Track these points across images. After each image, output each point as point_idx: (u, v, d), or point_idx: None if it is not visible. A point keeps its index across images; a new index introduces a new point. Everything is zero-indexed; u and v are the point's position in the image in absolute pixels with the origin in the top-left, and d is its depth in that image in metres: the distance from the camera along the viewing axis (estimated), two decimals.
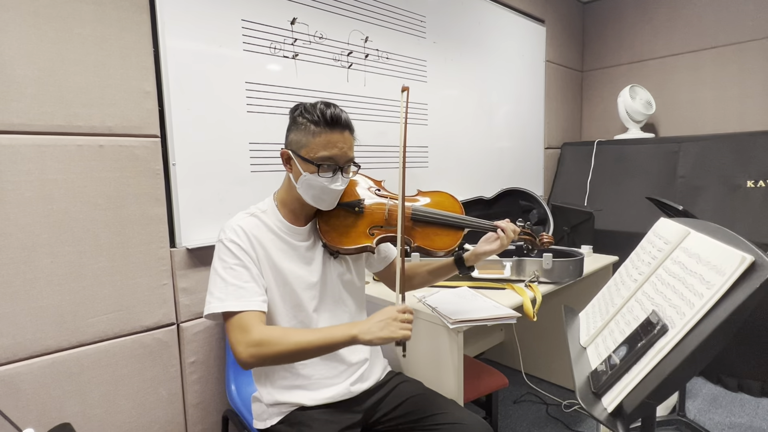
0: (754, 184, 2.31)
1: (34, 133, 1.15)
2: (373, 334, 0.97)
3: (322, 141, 1.03)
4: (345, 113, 1.06)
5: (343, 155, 1.05)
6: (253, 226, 1.08)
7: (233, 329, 0.99)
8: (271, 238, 1.10)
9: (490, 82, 2.54)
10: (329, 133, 1.03)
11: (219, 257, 1.05)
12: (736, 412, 2.06)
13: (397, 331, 0.97)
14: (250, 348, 0.96)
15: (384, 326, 0.97)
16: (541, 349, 2.39)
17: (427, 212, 1.19)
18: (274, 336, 0.98)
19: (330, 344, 0.99)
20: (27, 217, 1.14)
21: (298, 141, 1.05)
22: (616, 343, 0.79)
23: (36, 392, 1.18)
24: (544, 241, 1.32)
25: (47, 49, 1.15)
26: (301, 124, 1.05)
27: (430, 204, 1.24)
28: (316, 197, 1.08)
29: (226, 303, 1.00)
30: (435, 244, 1.17)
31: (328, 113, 1.03)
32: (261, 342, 0.96)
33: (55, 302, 1.19)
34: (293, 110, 1.08)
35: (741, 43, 2.71)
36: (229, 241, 1.05)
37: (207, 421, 1.50)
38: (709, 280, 0.66)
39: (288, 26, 1.61)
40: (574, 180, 3.02)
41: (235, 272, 1.03)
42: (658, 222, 0.98)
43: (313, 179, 1.05)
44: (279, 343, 0.96)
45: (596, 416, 0.68)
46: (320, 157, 1.03)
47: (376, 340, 0.96)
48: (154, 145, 1.34)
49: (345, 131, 1.05)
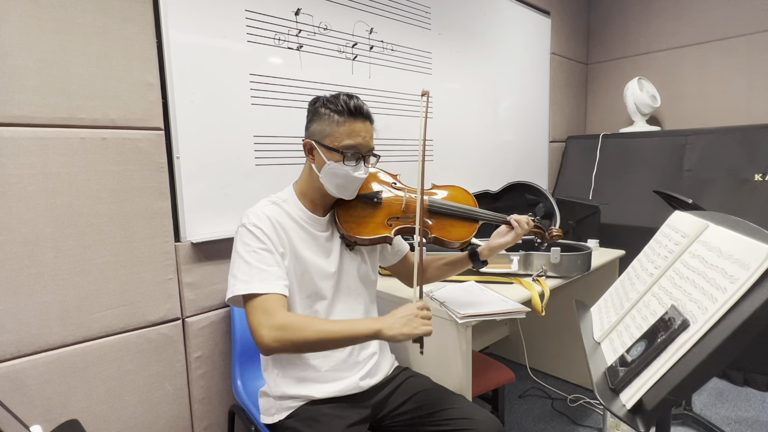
0: (762, 178, 2.29)
1: (37, 125, 1.13)
2: (396, 329, 0.97)
3: (346, 130, 1.05)
4: (366, 104, 1.08)
5: (366, 144, 1.07)
6: (276, 214, 1.09)
7: (256, 312, 0.98)
8: (293, 227, 1.10)
9: (495, 75, 2.51)
10: (353, 123, 1.05)
11: (242, 241, 1.04)
12: (742, 406, 2.06)
13: (419, 327, 0.98)
14: (273, 331, 0.95)
15: (407, 322, 0.98)
16: (545, 344, 2.38)
17: (444, 204, 1.22)
18: (298, 322, 0.98)
19: (354, 336, 0.99)
20: (30, 211, 1.13)
21: (322, 131, 1.06)
22: (632, 338, 0.77)
23: (41, 388, 1.17)
24: (553, 235, 1.34)
25: (48, 40, 1.13)
26: (324, 114, 1.06)
27: (445, 197, 1.26)
28: (339, 186, 1.08)
29: (251, 285, 0.99)
30: (451, 235, 1.19)
31: (352, 104, 1.05)
32: (285, 326, 0.96)
33: (60, 297, 1.18)
34: (313, 102, 1.10)
35: (749, 35, 2.68)
36: (253, 226, 1.04)
37: (213, 416, 1.49)
38: (732, 274, 0.64)
39: (292, 17, 1.59)
40: (579, 174, 3.00)
41: (259, 256, 1.02)
42: (673, 215, 0.96)
43: (338, 168, 1.05)
44: (303, 329, 0.96)
45: (615, 412, 0.67)
46: (345, 145, 1.05)
47: (399, 335, 0.97)
48: (157, 137, 1.32)
49: (366, 121, 1.08)
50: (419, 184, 1.10)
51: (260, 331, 0.96)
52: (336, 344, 1.01)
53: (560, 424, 1.98)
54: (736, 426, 1.91)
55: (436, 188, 1.29)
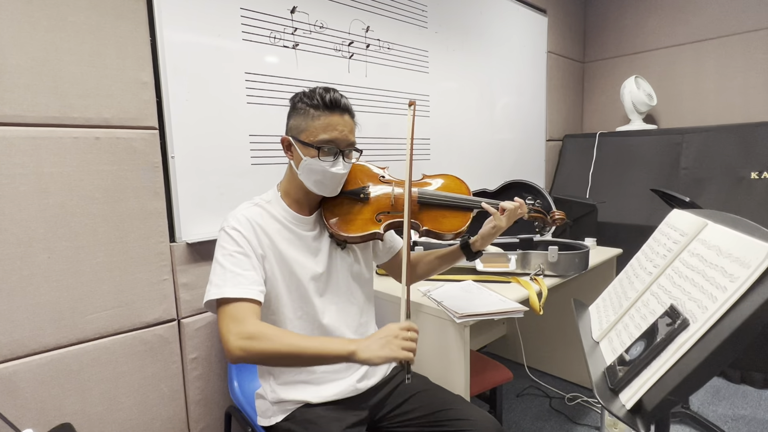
0: (758, 176, 2.29)
1: (28, 124, 1.11)
2: (372, 351, 0.90)
3: (321, 124, 1.02)
4: (345, 98, 1.05)
5: (343, 138, 1.03)
6: (257, 216, 1.06)
7: (225, 318, 0.94)
8: (277, 228, 1.07)
9: (491, 73, 2.51)
10: (329, 116, 1.02)
11: (220, 245, 1.02)
12: (738, 404, 2.06)
13: (398, 350, 0.90)
14: (240, 340, 0.90)
15: (385, 344, 0.90)
16: (543, 343, 2.38)
17: (434, 194, 1.18)
18: (268, 333, 0.92)
19: (324, 355, 0.92)
20: (22, 212, 1.11)
21: (298, 126, 1.04)
22: (632, 337, 0.77)
23: (35, 391, 1.15)
24: (555, 218, 1.27)
25: (40, 38, 1.11)
26: (300, 109, 1.04)
27: (437, 187, 1.22)
28: (318, 182, 1.06)
29: (223, 289, 0.95)
30: (443, 226, 1.15)
31: (327, 97, 1.02)
32: (254, 335, 0.90)
33: (53, 299, 1.17)
34: (293, 98, 1.08)
35: (745, 33, 2.68)
36: (231, 229, 1.02)
37: (209, 418, 1.48)
38: (732, 273, 0.64)
39: (288, 15, 1.57)
40: (576, 172, 3.00)
41: (235, 259, 0.99)
42: (672, 213, 0.96)
43: (314, 163, 1.03)
44: (272, 341, 0.90)
45: (615, 413, 0.66)
46: (320, 140, 1.02)
47: (375, 358, 0.89)
48: (152, 137, 1.30)
49: (345, 114, 1.04)
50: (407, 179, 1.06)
51: (228, 337, 0.91)
52: (304, 362, 0.96)
53: (558, 423, 1.98)
54: (733, 424, 1.91)
55: (427, 178, 1.25)
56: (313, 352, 0.92)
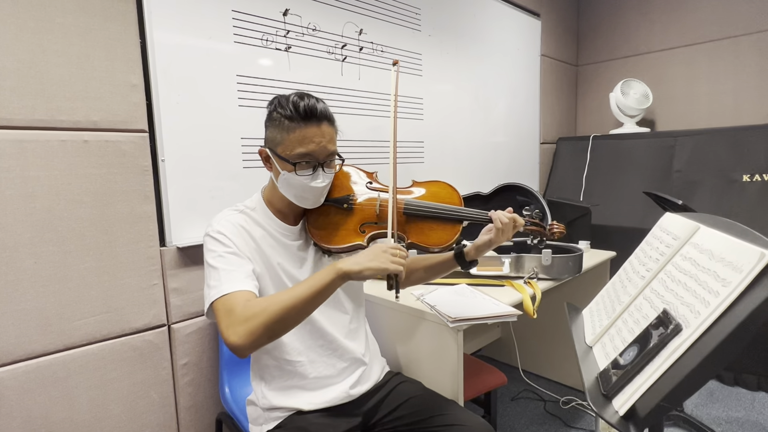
0: (750, 178, 2.31)
1: (15, 127, 1.09)
2: (361, 264, 0.88)
3: (297, 137, 0.97)
4: (322, 103, 0.99)
5: (321, 150, 0.99)
6: (242, 221, 1.04)
7: (220, 315, 0.90)
8: (262, 234, 1.06)
9: (485, 76, 2.51)
10: (304, 128, 0.96)
11: (208, 249, 1.00)
12: (732, 406, 2.07)
13: (387, 262, 0.89)
14: (238, 327, 0.85)
15: (374, 257, 0.89)
16: (538, 346, 2.38)
17: (421, 205, 1.12)
18: (258, 306, 0.88)
19: (319, 289, 0.89)
20: (8, 216, 1.09)
21: (274, 138, 1.00)
22: (624, 342, 0.76)
23: (20, 399, 1.13)
24: (554, 231, 1.21)
25: (27, 40, 1.10)
26: (275, 119, 0.99)
27: (425, 195, 1.17)
28: (298, 196, 1.03)
29: (221, 288, 0.93)
30: (430, 239, 1.10)
31: (302, 105, 0.95)
32: (249, 316, 0.86)
33: (39, 305, 1.14)
34: (269, 104, 1.02)
35: (735, 37, 2.70)
36: (217, 233, 1.00)
37: (200, 425, 1.46)
38: (725, 278, 0.63)
39: (280, 17, 1.56)
40: (570, 175, 3.01)
41: (225, 259, 0.97)
42: (664, 216, 0.96)
43: (292, 178, 1.00)
44: (266, 309, 0.86)
45: (607, 419, 0.66)
46: (296, 154, 0.97)
47: (366, 271, 0.88)
48: (141, 140, 1.29)
49: (322, 123, 0.98)
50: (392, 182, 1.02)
51: (226, 332, 0.86)
52: (306, 307, 0.90)
53: (553, 427, 1.97)
54: (726, 426, 1.91)
55: (417, 185, 1.19)
56: (307, 294, 0.88)
